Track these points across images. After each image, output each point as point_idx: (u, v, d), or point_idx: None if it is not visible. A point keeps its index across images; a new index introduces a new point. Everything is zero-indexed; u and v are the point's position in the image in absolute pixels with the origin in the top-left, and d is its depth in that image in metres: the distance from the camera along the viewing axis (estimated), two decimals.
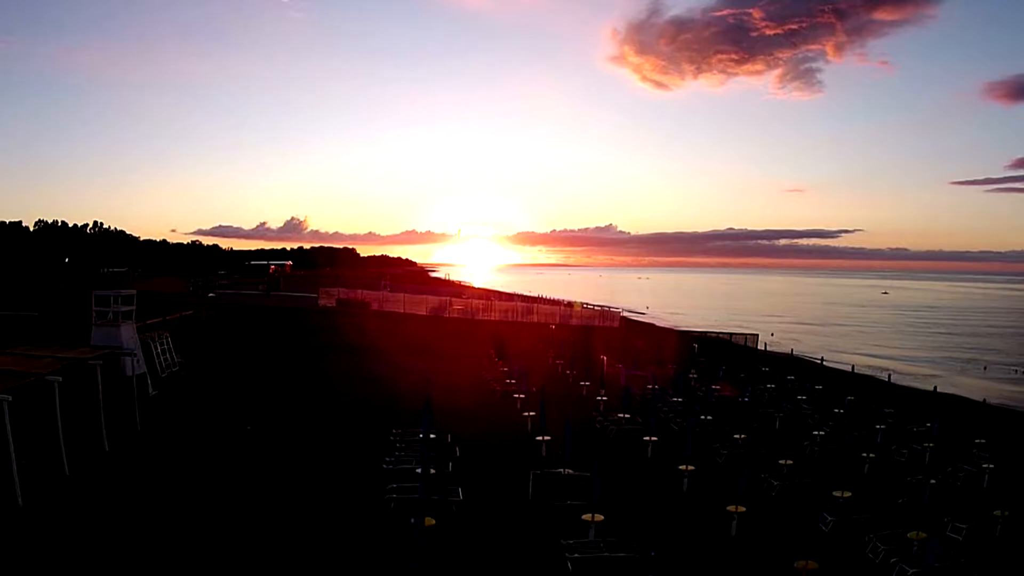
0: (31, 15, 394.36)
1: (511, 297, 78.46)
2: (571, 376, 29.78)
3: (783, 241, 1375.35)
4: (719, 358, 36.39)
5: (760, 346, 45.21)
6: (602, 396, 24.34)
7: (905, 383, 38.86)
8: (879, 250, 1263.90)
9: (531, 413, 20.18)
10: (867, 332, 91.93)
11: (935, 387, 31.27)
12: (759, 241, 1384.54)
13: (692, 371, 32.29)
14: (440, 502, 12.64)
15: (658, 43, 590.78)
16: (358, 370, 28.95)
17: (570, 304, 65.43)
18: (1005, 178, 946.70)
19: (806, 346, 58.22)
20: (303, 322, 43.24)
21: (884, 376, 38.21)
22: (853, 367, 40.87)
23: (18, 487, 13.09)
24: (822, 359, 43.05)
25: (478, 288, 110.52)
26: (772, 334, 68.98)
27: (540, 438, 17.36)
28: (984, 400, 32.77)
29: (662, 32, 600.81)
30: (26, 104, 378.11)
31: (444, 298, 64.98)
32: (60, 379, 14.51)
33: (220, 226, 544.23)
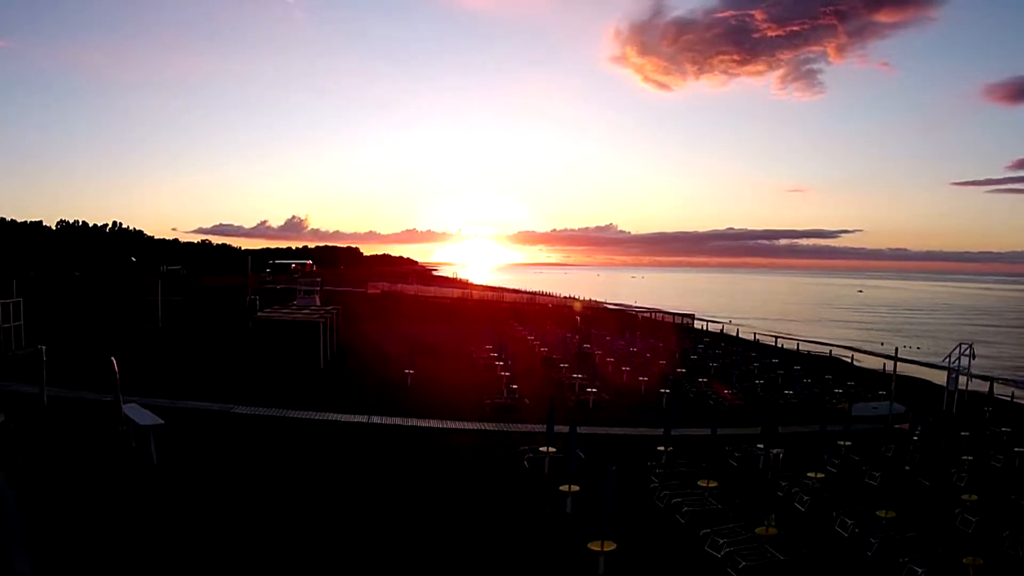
0: (31, 15, 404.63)
1: (516, 292, 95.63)
2: (562, 332, 47.09)
3: (783, 241, 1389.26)
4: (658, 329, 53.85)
5: (696, 325, 62.31)
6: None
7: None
8: (879, 250, 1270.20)
9: (540, 346, 37.59)
10: (814, 322, 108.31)
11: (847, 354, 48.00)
12: (759, 241, 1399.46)
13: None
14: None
15: (660, 44, 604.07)
16: (429, 329, 46.25)
17: (568, 298, 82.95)
18: (1005, 179, 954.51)
19: (754, 330, 74.05)
20: (369, 303, 60.47)
21: (794, 347, 54.74)
22: (808, 343, 56.90)
23: (322, 360, 30.53)
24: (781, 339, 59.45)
25: (481, 286, 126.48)
26: (729, 320, 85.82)
27: (543, 351, 35.61)
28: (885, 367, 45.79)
29: (664, 33, 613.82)
30: (26, 104, 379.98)
31: (465, 290, 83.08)
32: (334, 314, 32.01)
33: (221, 224, 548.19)
